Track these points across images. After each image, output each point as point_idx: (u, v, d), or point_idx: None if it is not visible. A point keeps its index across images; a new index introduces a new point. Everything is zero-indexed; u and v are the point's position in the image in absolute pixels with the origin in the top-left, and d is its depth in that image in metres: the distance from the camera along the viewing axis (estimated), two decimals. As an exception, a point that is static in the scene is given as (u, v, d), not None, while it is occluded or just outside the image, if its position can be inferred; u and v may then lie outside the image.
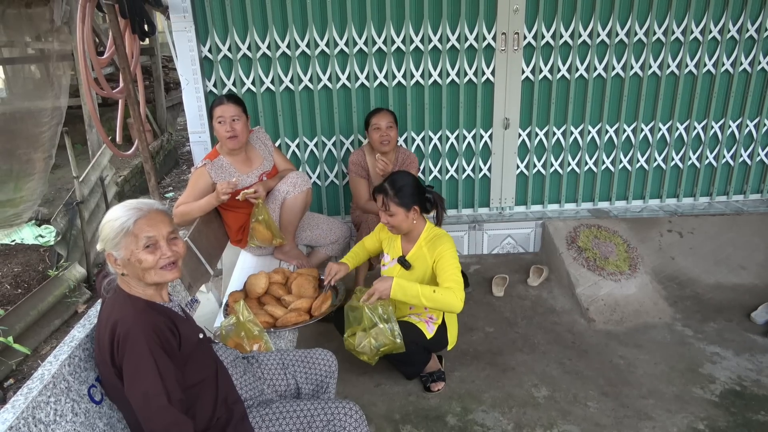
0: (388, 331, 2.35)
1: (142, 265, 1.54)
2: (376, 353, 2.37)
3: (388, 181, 2.49)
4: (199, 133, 3.57)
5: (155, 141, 7.57)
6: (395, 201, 2.43)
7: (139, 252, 1.53)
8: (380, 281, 2.36)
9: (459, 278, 2.41)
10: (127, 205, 1.57)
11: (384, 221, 2.50)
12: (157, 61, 8.02)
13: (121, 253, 1.53)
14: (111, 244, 1.53)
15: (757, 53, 3.73)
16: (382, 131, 3.17)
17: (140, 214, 1.55)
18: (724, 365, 2.81)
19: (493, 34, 3.57)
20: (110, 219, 1.54)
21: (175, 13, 3.32)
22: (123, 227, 1.52)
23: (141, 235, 1.53)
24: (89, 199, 4.75)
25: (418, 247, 2.55)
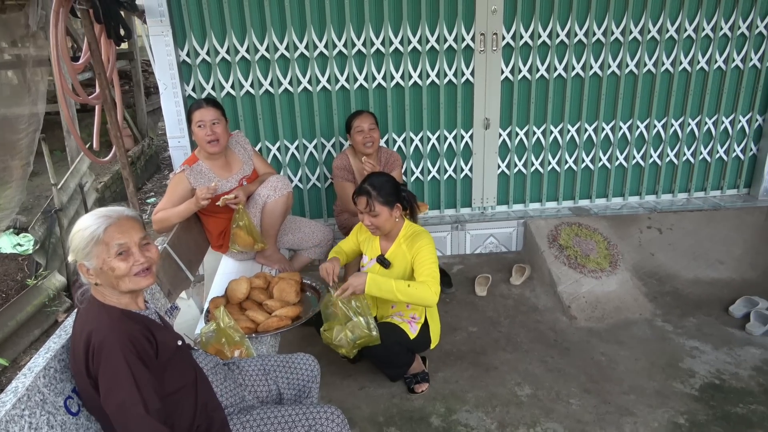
0: (363, 323, 2.35)
1: (115, 273, 1.52)
2: (353, 346, 2.36)
3: (367, 182, 2.49)
4: (179, 138, 3.54)
5: (136, 146, 7.49)
6: (379, 200, 2.44)
7: (111, 260, 1.51)
8: (355, 276, 2.38)
9: (435, 273, 2.44)
10: (96, 214, 1.55)
11: (367, 223, 2.50)
12: (137, 65, 7.94)
13: (93, 263, 1.51)
14: (82, 254, 1.51)
15: (731, 51, 3.79)
16: (365, 133, 3.17)
17: (110, 221, 1.53)
18: (704, 359, 2.85)
19: (471, 35, 3.58)
20: (80, 228, 1.52)
21: (151, 17, 3.29)
22: (93, 236, 1.50)
23: (112, 243, 1.52)
24: (68, 206, 4.69)
25: (397, 245, 2.56)
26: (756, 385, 2.64)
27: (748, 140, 4.05)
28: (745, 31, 3.75)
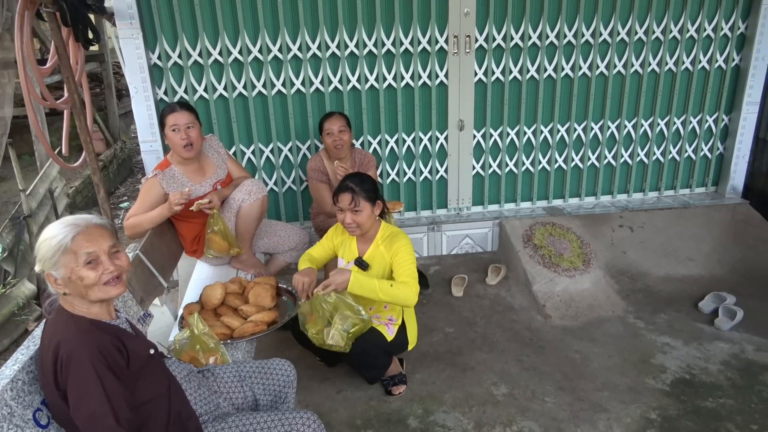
0: (350, 311, 2.34)
1: (83, 283, 1.49)
2: (348, 336, 2.33)
3: (348, 180, 2.49)
4: (151, 142, 3.49)
5: (108, 150, 7.37)
6: (363, 196, 2.45)
7: (80, 269, 1.49)
8: (337, 273, 2.37)
9: (414, 273, 2.47)
10: (64, 222, 1.52)
11: (348, 221, 2.48)
12: (108, 67, 7.81)
13: (61, 272, 1.48)
14: (49, 264, 1.48)
15: (697, 53, 3.88)
16: (335, 135, 3.18)
17: (78, 229, 1.50)
18: (675, 355, 2.91)
19: (445, 37, 3.61)
20: (46, 238, 1.49)
21: (121, 20, 3.24)
22: (60, 245, 1.47)
23: (80, 252, 1.49)
24: (38, 212, 4.60)
25: (375, 246, 2.57)
26: (725, 379, 2.71)
27: (715, 139, 4.16)
28: (711, 33, 3.85)
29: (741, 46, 3.93)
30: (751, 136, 4.11)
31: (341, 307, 2.33)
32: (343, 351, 2.36)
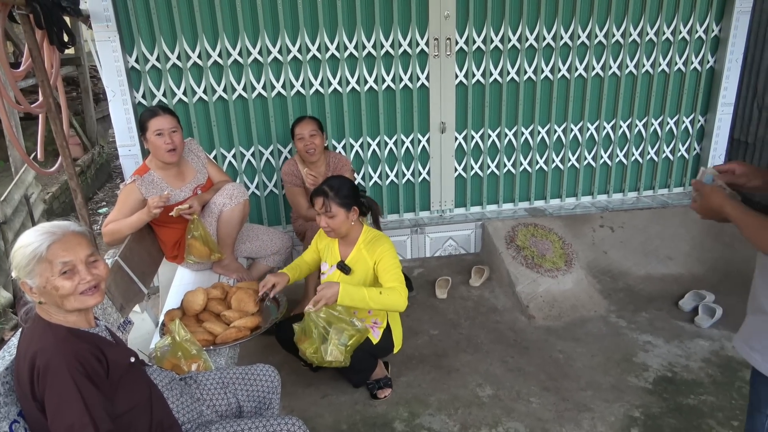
0: (344, 324, 2.32)
1: (59, 292, 1.45)
2: (347, 350, 2.31)
3: (325, 183, 2.47)
4: (129, 147, 3.44)
5: (85, 154, 7.25)
6: (336, 201, 2.42)
7: (55, 278, 1.45)
8: (326, 287, 2.34)
9: (401, 277, 2.46)
10: (40, 230, 1.48)
11: (323, 225, 2.47)
12: (85, 71, 7.69)
13: (36, 281, 1.44)
14: (24, 272, 1.44)
15: (674, 55, 3.95)
16: (306, 140, 3.16)
17: (54, 238, 1.46)
18: (656, 353, 2.94)
19: (426, 40, 3.62)
20: (21, 245, 1.45)
21: (97, 22, 3.18)
22: (35, 253, 1.43)
23: (56, 261, 1.45)
24: (13, 219, 4.50)
25: (357, 250, 2.55)
26: (705, 376, 2.75)
27: (692, 140, 4.23)
28: (686, 36, 3.92)
29: (715, 48, 4.01)
30: (727, 136, 4.19)
31: (334, 320, 2.32)
32: (343, 365, 2.34)
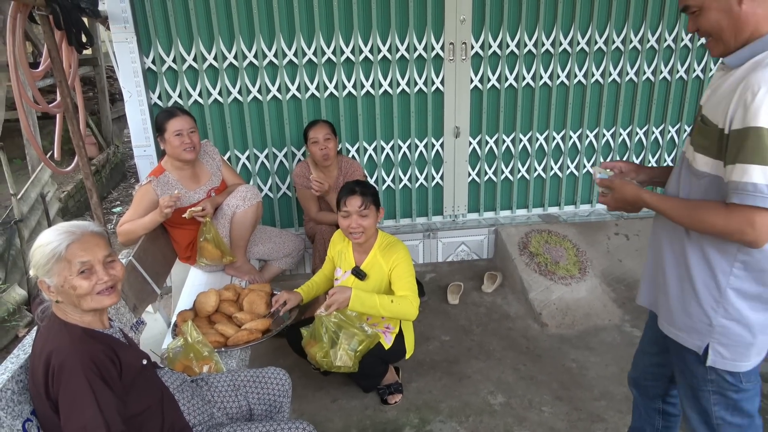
0: (354, 329, 2.31)
1: (76, 292, 1.46)
2: (356, 355, 2.30)
3: (355, 185, 2.47)
4: (144, 147, 3.46)
5: (100, 154, 7.32)
6: (369, 200, 2.44)
7: (73, 278, 1.46)
8: (338, 291, 2.33)
9: (414, 286, 2.45)
10: (59, 229, 1.49)
11: (354, 225, 2.44)
12: (101, 71, 7.77)
13: (54, 280, 1.45)
14: (43, 271, 1.45)
15: (675, 63, 3.89)
16: (320, 144, 3.16)
17: (73, 237, 1.47)
18: (671, 364, 2.89)
19: (441, 44, 3.60)
20: (41, 244, 1.46)
21: (115, 23, 3.21)
22: (54, 253, 1.44)
23: (74, 261, 1.46)
24: (29, 216, 4.55)
25: (372, 256, 2.54)
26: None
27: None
28: (688, 44, 3.86)
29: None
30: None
31: (344, 325, 2.31)
32: (352, 371, 2.33)
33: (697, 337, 1.50)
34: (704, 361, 1.49)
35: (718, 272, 1.43)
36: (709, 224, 1.34)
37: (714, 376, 1.51)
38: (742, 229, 1.28)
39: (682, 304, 1.52)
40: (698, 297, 1.46)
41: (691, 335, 1.51)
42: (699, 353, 1.50)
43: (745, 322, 1.43)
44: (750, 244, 1.31)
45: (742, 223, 1.27)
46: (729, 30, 1.31)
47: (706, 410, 1.58)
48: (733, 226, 1.29)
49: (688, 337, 1.52)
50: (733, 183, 1.27)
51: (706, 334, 1.47)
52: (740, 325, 1.44)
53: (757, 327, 1.44)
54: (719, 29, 1.33)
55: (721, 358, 1.47)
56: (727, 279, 1.41)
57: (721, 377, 1.50)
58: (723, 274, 1.42)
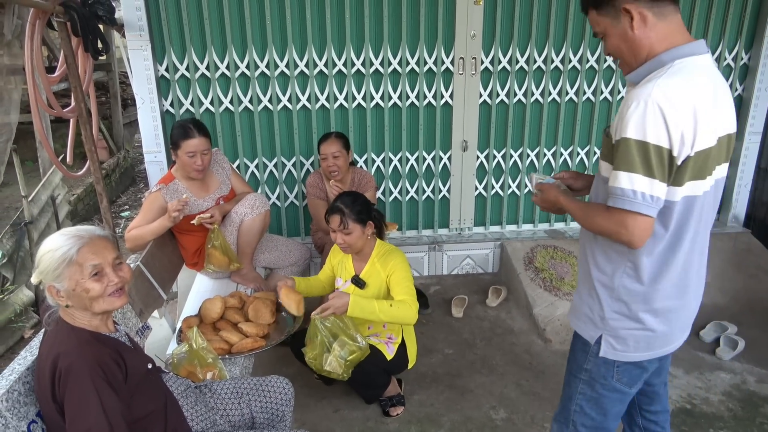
0: (347, 338, 2.31)
1: (89, 295, 1.48)
2: (347, 365, 2.31)
3: (339, 201, 2.50)
4: (155, 153, 3.50)
5: (111, 158, 7.38)
6: (352, 218, 2.45)
7: (86, 281, 1.48)
8: (336, 297, 2.34)
9: (412, 290, 2.48)
10: (67, 234, 1.51)
11: (339, 241, 2.49)
12: (114, 77, 7.86)
13: (65, 284, 1.47)
14: (52, 276, 1.47)
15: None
16: (329, 161, 3.17)
17: (83, 242, 1.49)
18: (675, 384, 2.88)
19: (451, 59, 3.63)
20: (49, 249, 1.48)
21: (130, 31, 3.26)
22: (65, 257, 1.46)
23: (86, 264, 1.48)
24: (39, 219, 4.59)
25: (371, 264, 2.57)
26: (726, 410, 2.68)
27: (718, 167, 4.16)
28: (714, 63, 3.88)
29: (744, 76, 3.96)
30: (753, 165, 4.12)
31: (339, 332, 2.32)
32: (341, 378, 2.34)
33: (592, 329, 1.60)
34: (597, 352, 1.60)
35: (611, 270, 1.53)
36: (597, 225, 1.46)
37: (591, 365, 1.63)
38: (617, 230, 1.39)
39: (582, 297, 1.65)
40: (596, 291, 1.58)
41: (586, 327, 1.62)
42: (591, 343, 1.61)
43: (634, 317, 1.53)
44: (628, 245, 1.42)
45: (617, 224, 1.39)
46: (628, 53, 1.44)
47: (570, 396, 1.72)
48: (611, 227, 1.41)
49: (586, 328, 1.62)
50: (611, 188, 1.39)
51: (600, 326, 1.58)
52: (630, 320, 1.54)
53: (644, 323, 1.53)
54: (620, 52, 1.46)
55: (613, 349, 1.57)
56: (621, 278, 1.52)
57: (603, 367, 1.61)
58: (616, 273, 1.52)
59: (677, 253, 1.47)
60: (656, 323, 1.53)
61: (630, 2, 1.38)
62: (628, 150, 1.33)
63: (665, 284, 1.50)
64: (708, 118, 1.34)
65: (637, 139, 1.32)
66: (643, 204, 1.34)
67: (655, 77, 1.35)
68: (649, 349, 1.57)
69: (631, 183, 1.33)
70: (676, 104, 1.30)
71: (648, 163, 1.32)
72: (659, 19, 1.38)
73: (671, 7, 1.39)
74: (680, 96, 1.31)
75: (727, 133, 1.44)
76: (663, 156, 1.32)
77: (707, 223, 1.51)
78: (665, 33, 1.39)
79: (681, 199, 1.40)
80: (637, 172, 1.33)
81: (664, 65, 1.38)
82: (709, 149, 1.37)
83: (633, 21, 1.38)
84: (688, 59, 1.37)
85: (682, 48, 1.38)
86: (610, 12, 1.42)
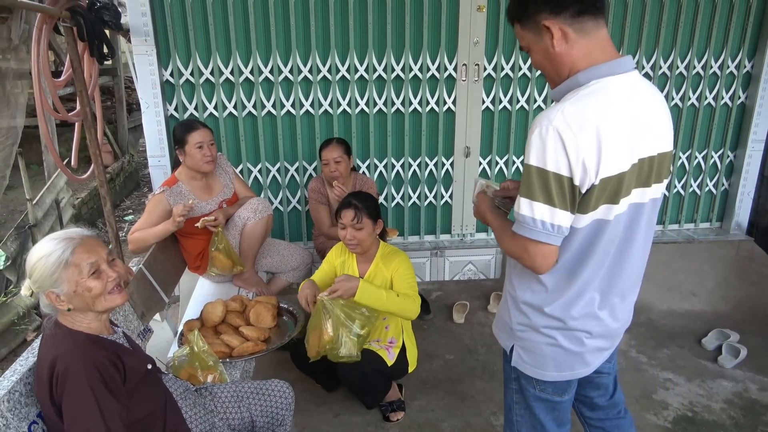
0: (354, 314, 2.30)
1: (92, 293, 1.50)
2: (359, 341, 2.30)
3: (352, 197, 2.52)
4: (159, 157, 3.52)
5: (115, 162, 7.42)
6: (365, 213, 2.48)
7: (86, 280, 1.49)
8: (344, 280, 2.32)
9: (415, 286, 2.51)
10: (57, 238, 1.52)
11: (349, 237, 2.49)
12: (120, 81, 7.91)
13: (65, 288, 1.48)
14: (49, 282, 1.47)
15: (704, 89, 3.91)
16: (331, 166, 3.19)
17: (75, 242, 1.50)
18: (677, 391, 2.87)
19: (454, 65, 3.65)
20: (41, 256, 1.48)
21: (136, 36, 3.29)
22: (60, 260, 1.47)
23: (83, 264, 1.49)
24: (43, 222, 4.62)
25: (375, 265, 2.59)
26: (727, 418, 2.67)
27: (720, 175, 4.16)
28: (717, 71, 3.88)
29: (747, 84, 3.96)
30: (756, 173, 4.11)
31: (345, 312, 2.30)
32: (356, 360, 2.32)
33: (506, 338, 1.61)
34: (509, 360, 1.61)
35: (518, 285, 1.53)
36: (506, 246, 1.46)
37: (516, 375, 1.62)
38: (520, 254, 1.39)
39: (501, 307, 1.65)
40: (507, 304, 1.59)
41: (502, 335, 1.64)
42: (507, 351, 1.61)
43: (539, 333, 1.51)
44: (531, 269, 1.41)
45: (520, 249, 1.38)
46: (551, 69, 1.41)
47: (509, 406, 1.70)
48: (515, 252, 1.41)
49: (502, 336, 1.64)
50: (515, 213, 1.37)
51: (511, 336, 1.58)
52: (536, 334, 1.52)
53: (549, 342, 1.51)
54: (544, 68, 1.43)
55: (522, 361, 1.57)
56: (523, 292, 1.51)
57: (523, 378, 1.60)
58: (520, 289, 1.52)
59: (580, 275, 1.42)
60: (563, 339, 1.49)
61: (550, 19, 1.33)
62: (529, 177, 1.30)
63: (568, 302, 1.45)
64: (619, 142, 1.28)
65: (538, 166, 1.28)
66: (542, 232, 1.31)
67: (566, 99, 1.32)
68: (557, 368, 1.52)
69: (532, 211, 1.30)
70: (576, 131, 1.25)
71: (548, 191, 1.28)
72: (581, 36, 1.33)
73: (593, 22, 1.33)
74: (583, 122, 1.26)
75: (656, 153, 1.38)
76: (563, 184, 1.28)
77: (631, 243, 1.45)
78: (587, 50, 1.34)
79: (588, 224, 1.35)
80: (537, 200, 1.29)
81: (580, 85, 1.33)
82: (621, 174, 1.30)
83: (554, 38, 1.33)
84: (605, 80, 1.32)
85: (600, 67, 1.33)
86: (532, 27, 1.38)
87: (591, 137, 1.26)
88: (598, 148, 1.26)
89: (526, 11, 1.37)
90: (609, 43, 1.37)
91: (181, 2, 3.34)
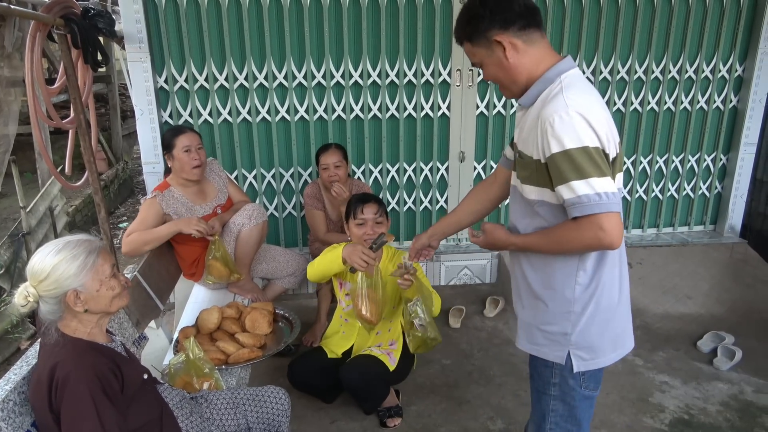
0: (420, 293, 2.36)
1: (114, 292, 1.57)
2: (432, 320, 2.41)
3: (365, 195, 2.56)
4: (153, 164, 3.51)
5: (110, 170, 7.40)
6: (383, 209, 2.54)
7: (110, 280, 1.57)
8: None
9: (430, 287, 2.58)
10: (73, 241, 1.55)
11: (371, 233, 2.50)
12: (114, 88, 7.90)
13: (88, 286, 1.52)
14: (75, 281, 1.50)
15: (696, 93, 3.93)
16: (330, 171, 3.20)
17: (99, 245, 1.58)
18: (673, 394, 2.88)
19: (448, 70, 3.66)
20: (63, 258, 1.50)
21: (130, 43, 3.29)
22: (87, 262, 1.52)
23: (106, 265, 1.57)
24: (37, 230, 4.59)
25: (383, 265, 2.60)
26: (723, 420, 2.68)
27: (713, 179, 4.19)
28: (709, 75, 3.91)
29: (738, 88, 4.00)
30: (749, 176, 4.14)
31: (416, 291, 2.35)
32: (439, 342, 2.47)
33: (558, 348, 1.60)
34: (564, 368, 1.61)
35: (560, 289, 1.56)
36: (569, 243, 1.47)
37: (560, 379, 1.64)
38: (595, 235, 1.40)
39: (538, 321, 1.64)
40: (548, 316, 1.60)
41: (548, 348, 1.63)
42: (558, 362, 1.61)
43: (597, 317, 1.57)
44: (609, 247, 1.43)
45: (593, 230, 1.39)
46: (506, 79, 1.52)
47: (543, 415, 1.71)
48: (588, 237, 1.41)
49: (549, 348, 1.63)
50: (569, 201, 1.40)
51: (565, 343, 1.59)
52: (594, 321, 1.57)
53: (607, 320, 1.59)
54: (498, 79, 1.54)
55: (582, 361, 1.59)
56: (571, 291, 1.55)
57: (572, 378, 1.62)
58: (565, 290, 1.55)
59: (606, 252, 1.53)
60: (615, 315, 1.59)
61: (500, 34, 1.46)
62: (572, 160, 1.36)
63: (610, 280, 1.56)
64: (610, 120, 1.46)
65: (576, 147, 1.36)
66: (610, 202, 1.38)
67: (551, 94, 1.44)
68: (615, 349, 1.63)
69: (592, 187, 1.36)
70: (590, 109, 1.39)
71: (596, 164, 1.37)
72: (529, 45, 1.48)
73: (538, 33, 1.49)
74: (589, 102, 1.41)
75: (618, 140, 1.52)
76: (602, 155, 1.39)
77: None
78: (538, 57, 1.49)
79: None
80: (591, 176, 1.36)
81: (552, 82, 1.47)
82: (619, 150, 1.49)
83: (506, 51, 1.46)
84: (569, 72, 1.48)
85: (559, 65, 1.48)
86: (483, 44, 1.49)
87: (601, 114, 1.40)
88: (607, 122, 1.42)
89: (477, 30, 1.48)
90: (551, 48, 1.53)
91: (175, 9, 3.34)
